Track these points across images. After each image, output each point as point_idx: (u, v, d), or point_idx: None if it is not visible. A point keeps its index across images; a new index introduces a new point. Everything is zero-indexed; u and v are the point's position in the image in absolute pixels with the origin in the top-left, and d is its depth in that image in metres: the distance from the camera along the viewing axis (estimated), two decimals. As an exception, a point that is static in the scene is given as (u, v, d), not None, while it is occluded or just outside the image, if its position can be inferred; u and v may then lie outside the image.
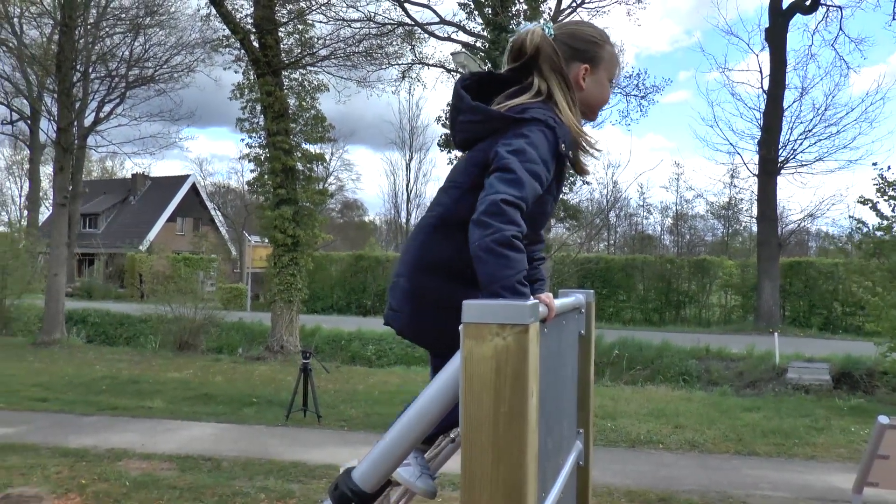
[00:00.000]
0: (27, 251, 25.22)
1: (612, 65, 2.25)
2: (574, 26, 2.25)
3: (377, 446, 1.72)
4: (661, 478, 7.27)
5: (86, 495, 6.43)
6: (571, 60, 2.17)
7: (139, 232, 46.77)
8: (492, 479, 1.60)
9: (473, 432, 1.62)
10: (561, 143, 1.98)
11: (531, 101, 2.07)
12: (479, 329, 1.62)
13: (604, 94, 2.26)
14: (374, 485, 1.71)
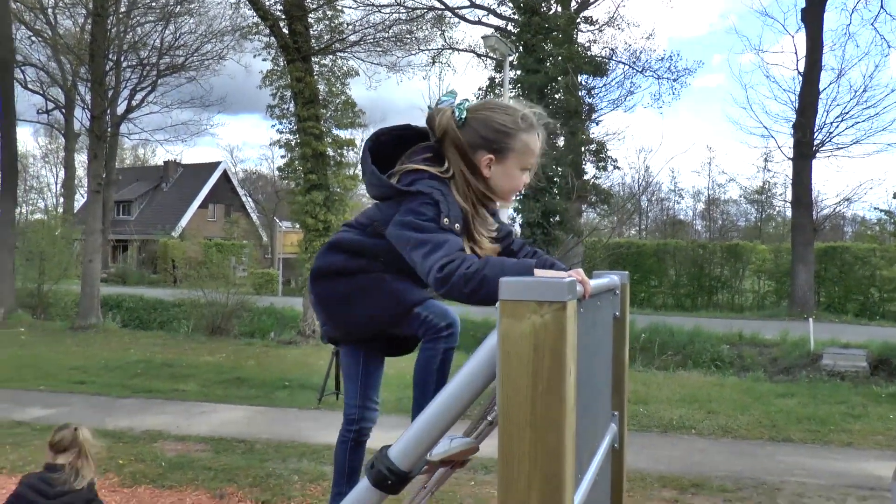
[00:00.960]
0: (63, 238, 25.58)
1: (526, 155, 2.22)
2: (488, 111, 2.22)
3: (413, 425, 1.72)
4: (693, 463, 7.22)
5: (123, 475, 6.53)
6: (478, 148, 2.18)
7: (171, 218, 47.24)
8: (530, 458, 1.58)
9: (511, 411, 1.60)
10: (444, 218, 2.04)
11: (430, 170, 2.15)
12: (517, 307, 1.60)
13: (511, 183, 2.25)
14: (411, 464, 1.70)
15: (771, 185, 39.71)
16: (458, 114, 2.18)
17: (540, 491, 1.58)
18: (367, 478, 1.70)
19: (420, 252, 2.00)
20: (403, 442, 1.71)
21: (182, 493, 6.09)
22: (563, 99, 17.09)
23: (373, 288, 2.30)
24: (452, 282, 1.89)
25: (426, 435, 1.71)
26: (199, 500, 5.90)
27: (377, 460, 1.68)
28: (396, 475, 1.68)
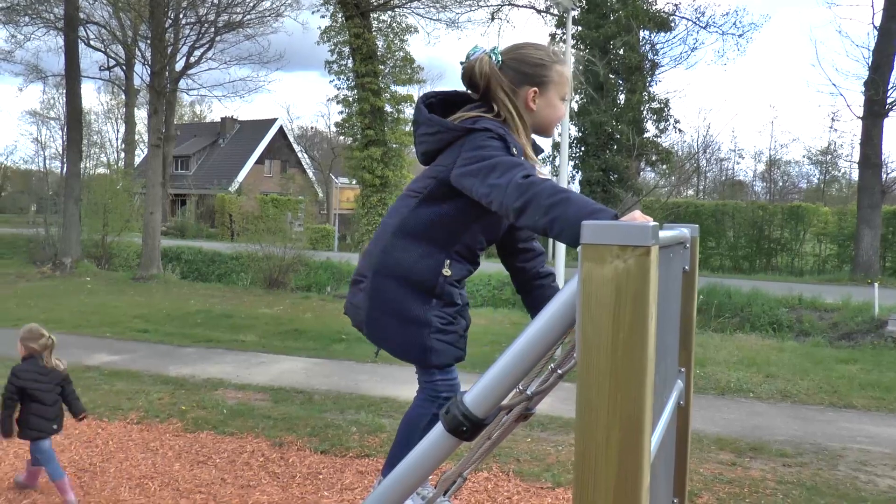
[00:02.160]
0: (125, 191, 26.13)
1: (562, 84, 2.31)
2: (521, 50, 2.31)
3: (490, 370, 1.69)
4: (752, 426, 7.12)
5: (186, 421, 6.70)
6: (521, 84, 2.27)
7: (228, 173, 47.85)
8: (608, 407, 1.55)
9: (590, 357, 1.56)
10: (512, 148, 2.10)
11: (487, 115, 2.22)
12: (599, 250, 1.56)
13: (555, 113, 2.34)
14: (486, 410, 1.68)
15: (837, 145, 38.56)
16: (494, 58, 2.25)
17: (619, 441, 1.55)
18: (441, 424, 1.69)
19: (496, 173, 1.99)
20: (479, 388, 1.69)
21: (243, 439, 6.23)
22: (625, 55, 16.72)
23: (416, 326, 2.33)
24: (535, 191, 1.85)
25: (502, 382, 1.69)
26: (260, 448, 6.02)
27: (453, 406, 1.66)
28: (472, 422, 1.66)
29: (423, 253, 2.32)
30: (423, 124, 2.29)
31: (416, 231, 2.31)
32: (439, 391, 2.39)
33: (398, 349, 2.42)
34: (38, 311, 13.62)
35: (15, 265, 22.60)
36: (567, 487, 5.23)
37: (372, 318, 2.41)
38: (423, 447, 1.74)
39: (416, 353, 2.38)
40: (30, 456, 4.96)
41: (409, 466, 1.75)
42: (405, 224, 2.34)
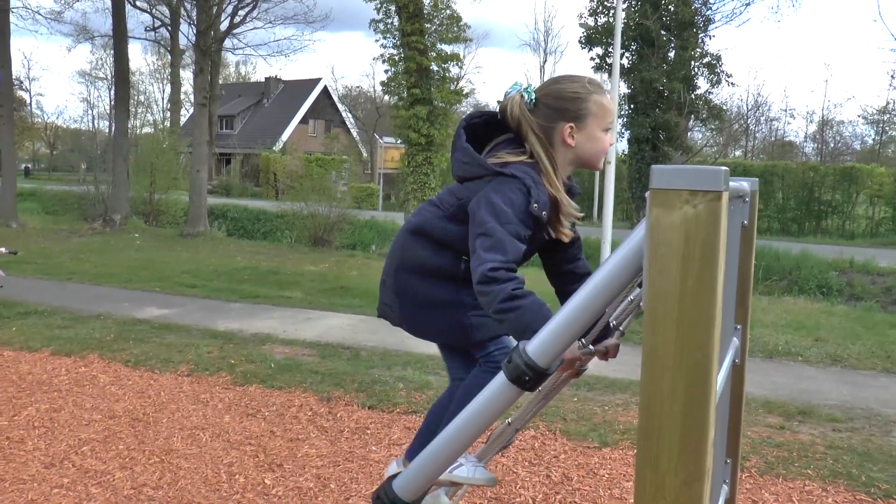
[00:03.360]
0: (171, 149, 26.45)
1: (602, 116, 2.26)
2: (556, 85, 2.27)
3: (554, 320, 1.66)
4: (800, 390, 7.01)
5: (235, 374, 6.81)
6: (556, 121, 2.24)
7: (273, 133, 48.14)
8: (675, 355, 1.52)
9: (658, 305, 1.53)
10: (533, 204, 2.11)
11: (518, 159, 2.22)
12: (668, 196, 1.51)
13: (598, 145, 2.30)
14: (549, 360, 1.66)
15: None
16: (527, 97, 2.24)
17: (685, 390, 1.52)
18: (503, 374, 1.67)
19: (481, 241, 2.05)
20: (542, 338, 1.66)
21: (291, 393, 6.31)
22: (677, 10, 16.27)
23: (449, 309, 2.38)
24: (494, 289, 1.96)
25: (565, 332, 1.66)
26: (307, 402, 6.09)
27: (515, 355, 1.64)
28: (535, 371, 1.63)
29: (439, 251, 2.36)
30: (458, 150, 2.32)
31: (433, 234, 2.37)
32: (497, 360, 2.35)
33: (442, 335, 2.49)
34: (90, 266, 13.93)
35: (67, 221, 23.09)
36: (614, 448, 5.21)
37: (406, 314, 2.48)
38: (484, 397, 1.72)
39: (459, 334, 2.41)
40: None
41: (469, 417, 1.74)
42: (425, 226, 2.40)
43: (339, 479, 4.57)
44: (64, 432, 5.26)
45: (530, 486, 4.54)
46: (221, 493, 4.31)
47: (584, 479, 4.67)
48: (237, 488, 4.37)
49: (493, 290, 1.97)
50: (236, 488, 4.37)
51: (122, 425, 5.43)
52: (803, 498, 4.47)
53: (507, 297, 1.95)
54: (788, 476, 4.78)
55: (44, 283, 11.95)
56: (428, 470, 1.80)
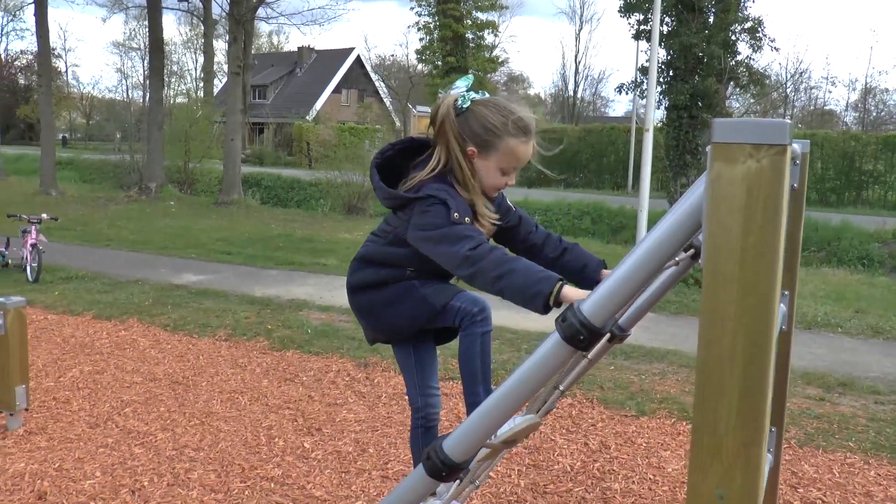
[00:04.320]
0: (205, 119, 26.58)
1: (508, 158, 2.29)
2: (484, 108, 2.28)
3: (609, 279, 1.62)
4: (840, 362, 6.89)
5: (272, 339, 6.86)
6: (467, 138, 2.28)
7: (305, 102, 48.14)
8: (735, 315, 1.48)
9: (718, 263, 1.49)
10: (454, 213, 2.19)
11: (428, 175, 2.29)
12: (730, 150, 1.46)
13: (489, 181, 2.35)
14: (604, 319, 1.62)
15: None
16: (460, 102, 2.27)
17: (745, 351, 1.48)
18: (558, 333, 1.64)
19: (446, 244, 2.16)
20: (597, 297, 1.62)
21: (328, 359, 6.34)
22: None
23: (405, 295, 2.48)
24: (481, 265, 2.04)
25: (621, 290, 1.62)
26: (345, 367, 6.12)
27: (570, 314, 1.61)
28: (589, 330, 1.60)
29: (382, 268, 2.51)
30: (376, 189, 2.43)
31: (375, 259, 2.53)
32: (468, 311, 2.44)
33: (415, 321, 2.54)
34: (128, 233, 14.11)
35: (104, 189, 23.39)
36: (651, 416, 5.18)
37: (377, 325, 2.63)
38: (537, 357, 1.70)
39: (424, 310, 2.49)
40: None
41: (522, 377, 1.71)
42: (368, 254, 2.57)
43: (378, 443, 4.59)
44: (107, 394, 5.35)
45: (568, 453, 4.52)
46: (261, 455, 4.35)
47: (622, 447, 4.65)
48: (276, 451, 4.42)
49: (481, 266, 2.05)
50: (276, 451, 4.42)
51: (162, 388, 5.51)
52: (844, 470, 4.41)
53: (498, 261, 2.03)
54: (829, 448, 4.71)
55: (83, 249, 12.14)
56: (480, 431, 1.79)
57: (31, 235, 9.40)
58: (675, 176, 10.25)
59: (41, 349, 6.37)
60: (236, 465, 4.20)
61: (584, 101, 63.07)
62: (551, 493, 3.98)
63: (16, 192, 21.64)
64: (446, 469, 1.82)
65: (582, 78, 57.76)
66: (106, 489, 3.88)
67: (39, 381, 5.51)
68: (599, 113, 64.67)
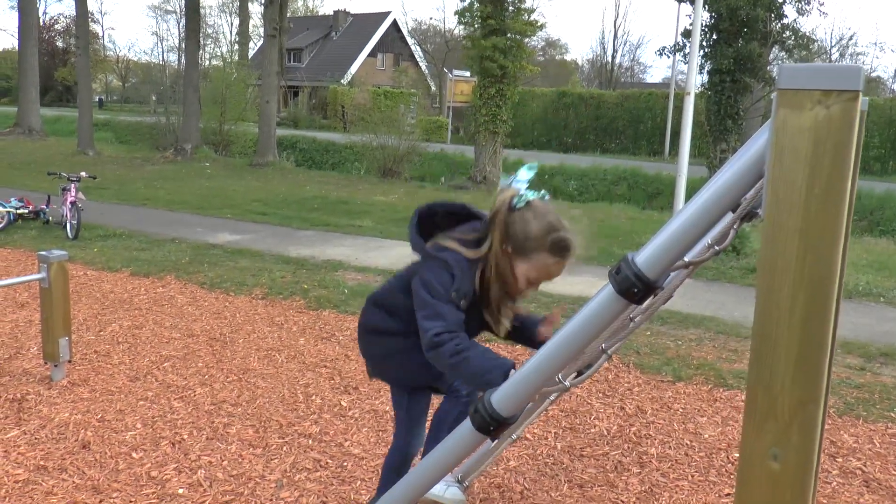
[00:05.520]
0: (241, 81, 26.61)
1: (538, 271, 2.30)
2: (533, 216, 2.27)
3: (663, 233, 1.58)
4: (882, 332, 6.76)
5: (308, 299, 6.89)
6: (510, 237, 2.29)
7: (340, 66, 47.98)
8: (796, 268, 1.42)
9: (780, 215, 1.43)
10: (452, 291, 2.25)
11: (465, 250, 2.32)
12: (798, 96, 1.40)
13: (511, 284, 2.36)
14: (658, 272, 1.58)
15: None
16: (515, 201, 2.28)
17: (805, 305, 1.43)
18: (612, 285, 1.60)
19: (423, 313, 2.26)
20: (651, 250, 1.58)
21: (363, 318, 6.34)
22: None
23: (405, 356, 2.57)
24: (441, 350, 2.17)
25: (678, 242, 1.57)
26: (380, 327, 6.12)
27: (625, 266, 1.57)
28: (644, 283, 1.56)
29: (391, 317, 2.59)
30: (409, 230, 2.48)
31: (385, 303, 2.62)
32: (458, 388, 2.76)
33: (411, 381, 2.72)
34: (164, 193, 14.23)
35: (140, 150, 23.59)
36: (688, 382, 5.13)
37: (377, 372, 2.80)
38: (589, 310, 1.66)
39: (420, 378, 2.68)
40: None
41: (573, 331, 1.68)
42: (380, 298, 2.66)
43: (413, 402, 4.60)
44: (146, 348, 5.42)
45: (604, 417, 4.50)
46: (299, 412, 4.38)
47: (658, 412, 4.61)
48: (314, 408, 4.44)
49: (440, 352, 2.17)
50: (313, 408, 4.44)
51: (200, 344, 5.56)
52: (885, 441, 4.33)
53: (453, 352, 2.14)
54: (869, 418, 4.64)
55: (120, 208, 12.27)
56: (529, 386, 1.76)
57: (70, 193, 9.51)
58: (715, 141, 10.04)
59: (81, 304, 6.46)
60: (274, 421, 4.24)
61: (621, 68, 62.20)
62: (588, 457, 3.97)
63: (55, 152, 21.90)
64: (494, 424, 1.81)
65: (621, 44, 56.97)
66: (147, 441, 3.94)
67: (81, 335, 5.60)
68: (637, 79, 63.75)
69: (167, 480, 3.53)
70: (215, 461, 3.74)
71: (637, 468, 3.86)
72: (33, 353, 5.22)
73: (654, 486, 3.68)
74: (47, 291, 4.61)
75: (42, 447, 3.83)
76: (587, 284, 7.90)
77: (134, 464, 3.69)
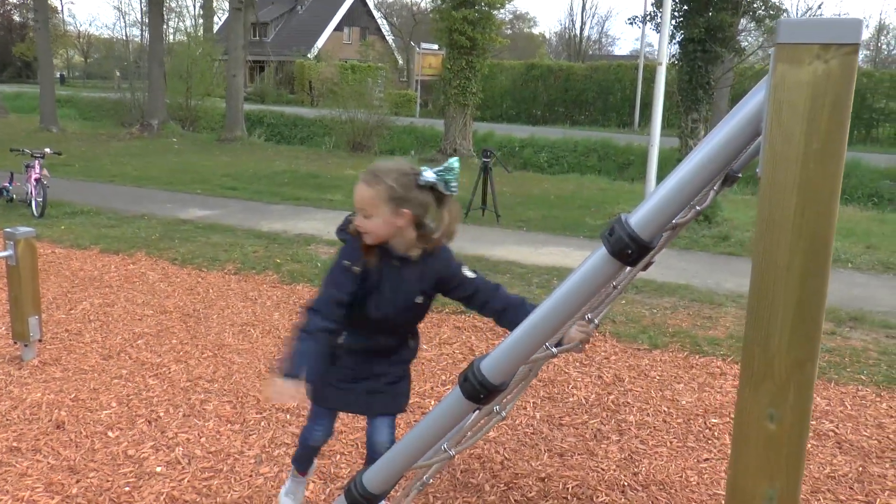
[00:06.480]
0: (207, 56, 26.18)
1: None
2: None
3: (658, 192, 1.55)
4: (851, 297, 6.84)
5: (282, 273, 6.82)
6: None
7: (307, 41, 47.44)
8: (794, 224, 1.40)
9: (776, 171, 1.41)
10: (344, 260, 2.44)
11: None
12: (796, 51, 1.37)
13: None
14: (653, 232, 1.55)
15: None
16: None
17: (802, 264, 1.41)
18: (605, 247, 1.57)
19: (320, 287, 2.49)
20: (648, 207, 1.55)
21: (338, 292, 6.29)
22: None
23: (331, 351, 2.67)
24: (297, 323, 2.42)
25: (672, 202, 1.54)
26: (354, 300, 6.08)
27: (619, 227, 1.54)
28: (638, 244, 1.53)
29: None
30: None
31: None
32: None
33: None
34: (132, 169, 13.99)
35: (105, 126, 23.16)
36: (664, 350, 5.15)
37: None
38: (582, 272, 1.63)
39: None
40: None
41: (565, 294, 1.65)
42: None
43: (392, 374, 4.57)
44: (118, 326, 5.33)
45: (582, 385, 4.51)
46: (276, 385, 4.33)
47: (636, 380, 4.63)
48: (291, 382, 4.39)
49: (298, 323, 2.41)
50: (290, 382, 4.39)
51: (173, 321, 5.48)
52: (856, 402, 4.39)
53: (297, 331, 2.37)
54: (840, 381, 4.70)
55: (87, 185, 12.04)
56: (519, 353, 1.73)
57: (34, 170, 9.29)
58: (686, 111, 10.06)
59: (50, 282, 6.33)
60: (251, 396, 4.19)
61: (589, 40, 62.16)
62: (567, 426, 3.97)
63: (17, 129, 21.42)
64: (484, 391, 1.78)
65: (589, 16, 56.82)
66: (122, 419, 3.87)
67: (51, 314, 5.49)
68: (605, 51, 63.77)
69: (145, 459, 3.48)
70: (193, 438, 3.69)
71: (616, 436, 3.87)
72: (1, 332, 5.11)
73: (633, 453, 3.69)
74: (14, 269, 4.50)
75: (14, 428, 3.74)
76: (561, 255, 7.92)
77: (110, 443, 3.62)
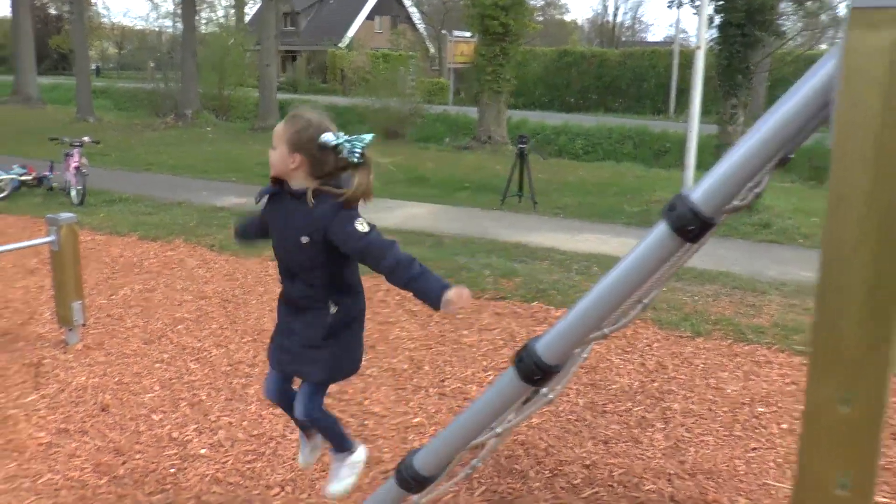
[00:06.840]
0: (239, 46, 26.29)
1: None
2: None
3: (725, 161, 1.50)
4: None
5: (320, 259, 6.82)
6: None
7: (338, 30, 47.44)
8: (867, 197, 1.34)
9: (849, 142, 1.34)
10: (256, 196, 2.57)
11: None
12: (873, 15, 1.31)
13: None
14: (716, 207, 1.51)
15: None
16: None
17: (876, 239, 1.35)
18: (666, 223, 1.52)
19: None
20: (710, 184, 1.50)
21: (377, 278, 6.10)
22: None
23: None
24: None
25: (737, 175, 1.49)
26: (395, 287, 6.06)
27: (679, 202, 1.49)
28: (701, 219, 1.49)
29: None
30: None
31: None
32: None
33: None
34: (167, 158, 14.11)
35: (140, 117, 23.38)
36: (707, 338, 5.07)
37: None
38: (642, 249, 1.59)
39: None
40: None
41: (625, 272, 1.61)
42: None
43: (433, 361, 4.56)
44: (159, 311, 5.37)
45: (625, 373, 4.46)
46: (316, 370, 4.33)
47: (679, 367, 4.56)
48: (331, 367, 4.39)
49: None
50: (330, 367, 4.39)
51: (213, 306, 5.51)
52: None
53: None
54: None
55: (124, 174, 12.17)
56: (577, 332, 1.69)
57: (73, 159, 9.40)
58: (725, 96, 9.88)
59: (91, 268, 6.39)
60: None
61: (623, 26, 61.50)
62: (611, 413, 3.93)
63: (54, 119, 21.70)
64: (540, 372, 1.74)
65: (622, 1, 56.14)
66: (166, 402, 3.90)
67: (93, 299, 5.54)
68: (638, 38, 63.08)
69: (188, 441, 3.50)
70: (235, 421, 3.70)
71: (661, 423, 3.81)
72: (46, 318, 5.18)
73: (679, 441, 3.64)
74: (58, 254, 4.55)
75: (62, 410, 3.79)
76: (598, 242, 7.84)
77: (154, 425, 3.65)
